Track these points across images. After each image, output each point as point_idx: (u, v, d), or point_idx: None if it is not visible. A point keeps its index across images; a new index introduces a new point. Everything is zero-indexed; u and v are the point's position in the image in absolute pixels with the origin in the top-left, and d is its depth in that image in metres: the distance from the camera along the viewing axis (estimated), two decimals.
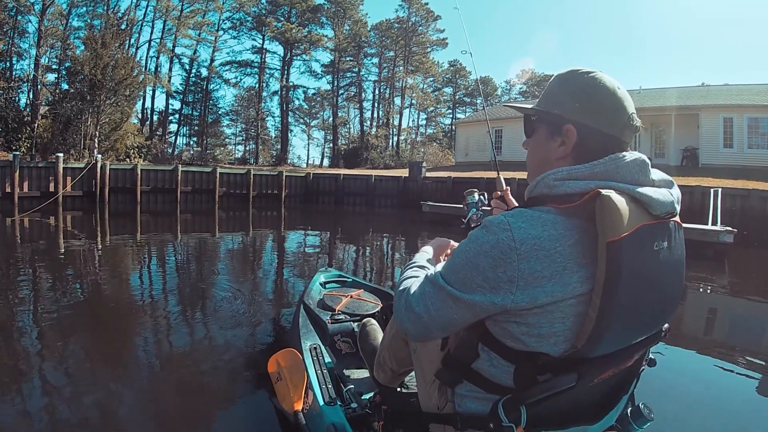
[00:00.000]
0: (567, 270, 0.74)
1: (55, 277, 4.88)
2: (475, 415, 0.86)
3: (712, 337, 3.84)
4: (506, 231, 0.75)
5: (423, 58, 34.04)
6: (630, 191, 0.77)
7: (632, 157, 0.81)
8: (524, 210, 0.79)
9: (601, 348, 0.77)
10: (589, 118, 0.84)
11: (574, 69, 0.89)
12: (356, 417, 1.50)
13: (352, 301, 2.51)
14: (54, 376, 2.43)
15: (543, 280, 0.73)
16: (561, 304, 0.75)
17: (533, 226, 0.75)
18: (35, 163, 12.91)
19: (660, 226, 0.80)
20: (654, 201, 0.79)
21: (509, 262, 0.74)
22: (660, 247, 0.80)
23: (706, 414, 2.33)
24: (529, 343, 0.78)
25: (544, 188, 0.82)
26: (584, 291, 0.75)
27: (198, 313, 3.64)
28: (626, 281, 0.73)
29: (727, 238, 6.81)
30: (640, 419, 0.93)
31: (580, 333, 0.76)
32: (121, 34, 19.79)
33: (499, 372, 0.83)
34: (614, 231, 0.72)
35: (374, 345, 1.81)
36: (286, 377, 1.80)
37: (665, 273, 0.83)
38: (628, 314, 0.77)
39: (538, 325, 0.77)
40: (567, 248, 0.74)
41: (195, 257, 6.78)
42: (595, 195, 0.74)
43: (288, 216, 13.82)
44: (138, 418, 2.04)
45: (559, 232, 0.75)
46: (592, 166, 0.80)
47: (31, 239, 8.01)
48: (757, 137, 14.44)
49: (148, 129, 26.99)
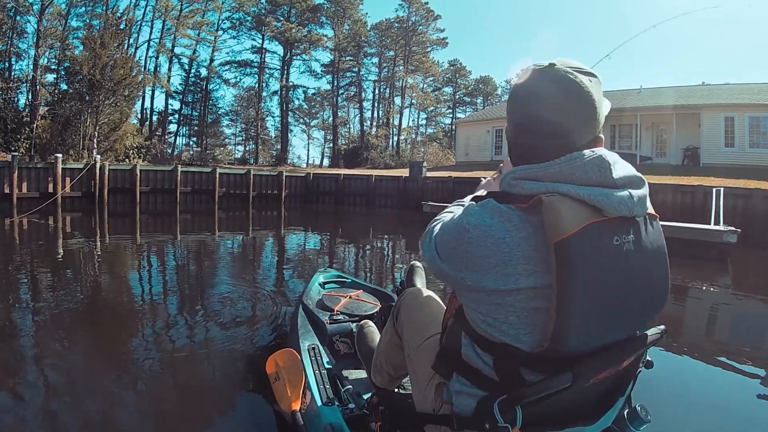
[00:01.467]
0: (513, 261, 0.76)
1: (54, 278, 4.87)
2: (471, 415, 0.86)
3: (711, 338, 3.82)
4: (468, 216, 0.82)
5: (423, 57, 34.05)
6: (579, 196, 0.76)
7: (591, 157, 0.78)
8: (491, 201, 0.82)
9: (569, 344, 0.77)
10: (513, 114, 0.89)
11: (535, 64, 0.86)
12: (354, 417, 1.50)
13: (350, 301, 2.50)
14: (53, 376, 2.42)
15: (488, 266, 0.77)
16: (509, 297, 0.77)
17: (490, 216, 0.79)
18: (34, 164, 12.89)
19: (618, 221, 0.78)
20: (607, 205, 0.76)
21: (461, 242, 0.81)
22: (623, 240, 0.78)
23: (703, 416, 2.32)
24: (492, 332, 0.81)
25: (505, 185, 0.84)
26: (533, 285, 0.76)
27: (197, 314, 3.62)
28: (580, 276, 0.74)
29: (731, 239, 6.74)
30: (636, 421, 0.93)
31: (544, 329, 0.77)
32: (120, 33, 19.81)
33: (482, 362, 0.85)
34: (558, 232, 0.73)
35: (371, 347, 1.81)
36: (285, 377, 1.80)
37: (633, 266, 0.80)
38: (593, 309, 0.77)
39: (493, 316, 0.80)
40: (516, 240, 0.76)
41: (194, 258, 6.76)
42: (538, 201, 0.76)
43: (288, 216, 13.82)
44: (137, 418, 2.03)
45: (513, 224, 0.77)
46: (547, 167, 0.79)
47: (29, 240, 8.00)
48: (759, 136, 14.41)
49: (148, 129, 26.98)
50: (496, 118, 20.99)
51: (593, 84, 0.82)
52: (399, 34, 32.48)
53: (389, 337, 1.36)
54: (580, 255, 0.74)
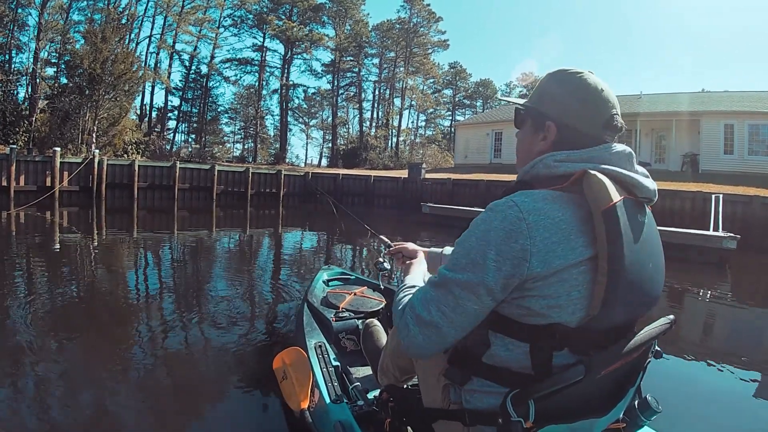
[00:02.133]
0: (572, 235, 0.80)
1: (50, 273, 4.82)
2: (483, 410, 0.86)
3: (720, 333, 3.90)
4: (512, 207, 0.80)
5: (424, 59, 34.12)
6: (617, 173, 0.85)
7: (620, 148, 0.90)
8: (523, 191, 0.84)
9: (614, 314, 0.81)
10: (568, 117, 0.91)
11: (563, 68, 0.95)
12: (363, 414, 1.48)
13: (355, 298, 2.48)
14: (50, 375, 2.37)
15: (553, 245, 0.78)
16: (573, 270, 0.79)
17: (536, 200, 0.81)
18: (32, 157, 12.80)
19: (639, 203, 0.88)
20: (639, 184, 0.88)
21: (520, 232, 0.78)
22: (644, 219, 0.88)
23: (714, 405, 2.34)
24: (550, 314, 0.81)
25: (542, 168, 0.88)
26: (590, 255, 0.80)
27: (201, 313, 3.57)
28: (626, 242, 0.79)
29: (731, 245, 6.74)
30: (647, 411, 0.94)
31: (593, 300, 0.80)
32: (122, 28, 19.77)
33: (515, 355, 0.84)
34: (605, 200, 0.80)
35: (377, 346, 1.85)
36: (292, 376, 1.78)
37: (651, 242, 0.89)
38: (634, 278, 0.82)
39: (556, 296, 0.79)
40: (568, 216, 0.80)
41: (194, 255, 6.71)
42: (583, 173, 0.83)
43: (286, 215, 13.78)
44: (144, 417, 2.01)
45: (559, 204, 0.81)
46: (587, 152, 0.87)
47: (26, 234, 7.93)
48: (758, 144, 14.49)
49: (147, 125, 26.91)
50: (495, 120, 21.01)
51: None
52: (400, 36, 32.54)
53: (396, 342, 1.34)
54: (624, 222, 0.80)
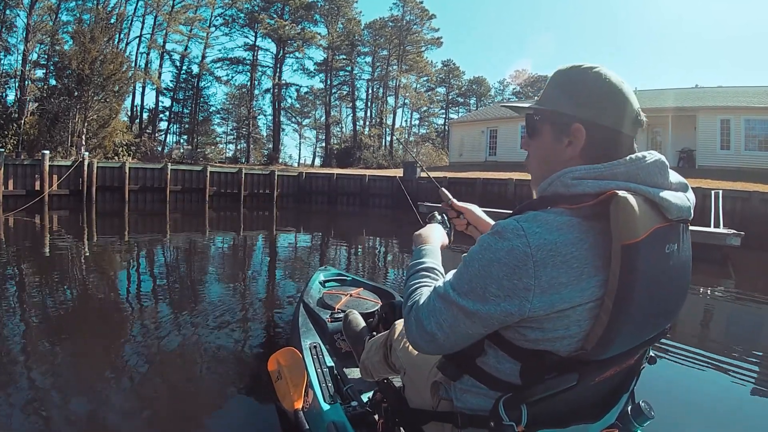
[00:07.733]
0: (584, 275, 0.71)
1: (40, 278, 4.75)
2: (475, 412, 0.85)
3: (714, 336, 3.87)
4: (521, 237, 0.71)
5: (417, 57, 34.07)
6: (648, 194, 0.75)
7: (653, 159, 0.79)
8: (538, 213, 0.75)
9: (611, 351, 0.76)
10: (598, 115, 0.80)
11: (576, 65, 0.86)
12: (357, 415, 1.49)
13: (351, 299, 2.47)
14: (44, 380, 2.35)
15: (560, 286, 0.71)
16: (579, 308, 0.73)
17: (549, 231, 0.71)
18: (21, 161, 12.64)
19: (672, 227, 0.78)
20: (672, 206, 0.76)
21: (525, 269, 0.70)
22: (671, 249, 0.78)
23: (707, 411, 2.33)
24: (543, 344, 0.76)
25: (560, 187, 0.78)
26: (602, 294, 0.73)
27: (195, 314, 3.54)
28: (640, 286, 0.71)
29: (735, 242, 6.65)
30: (640, 417, 0.93)
31: (590, 334, 0.74)
32: (111, 28, 19.54)
33: (505, 369, 0.81)
34: (630, 234, 0.70)
35: (356, 331, 1.91)
36: (287, 376, 1.77)
37: (674, 275, 0.81)
38: (639, 317, 0.76)
39: (554, 329, 0.74)
40: (583, 252, 0.72)
41: (187, 258, 6.66)
42: (611, 195, 0.71)
43: (280, 216, 13.69)
44: (139, 419, 2.00)
45: (575, 235, 0.72)
46: (612, 166, 0.77)
47: (15, 239, 7.83)
48: (754, 139, 14.57)
49: (138, 126, 26.64)
50: (490, 118, 21.05)
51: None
52: (393, 34, 32.46)
53: (380, 358, 1.39)
54: (646, 263, 0.72)
